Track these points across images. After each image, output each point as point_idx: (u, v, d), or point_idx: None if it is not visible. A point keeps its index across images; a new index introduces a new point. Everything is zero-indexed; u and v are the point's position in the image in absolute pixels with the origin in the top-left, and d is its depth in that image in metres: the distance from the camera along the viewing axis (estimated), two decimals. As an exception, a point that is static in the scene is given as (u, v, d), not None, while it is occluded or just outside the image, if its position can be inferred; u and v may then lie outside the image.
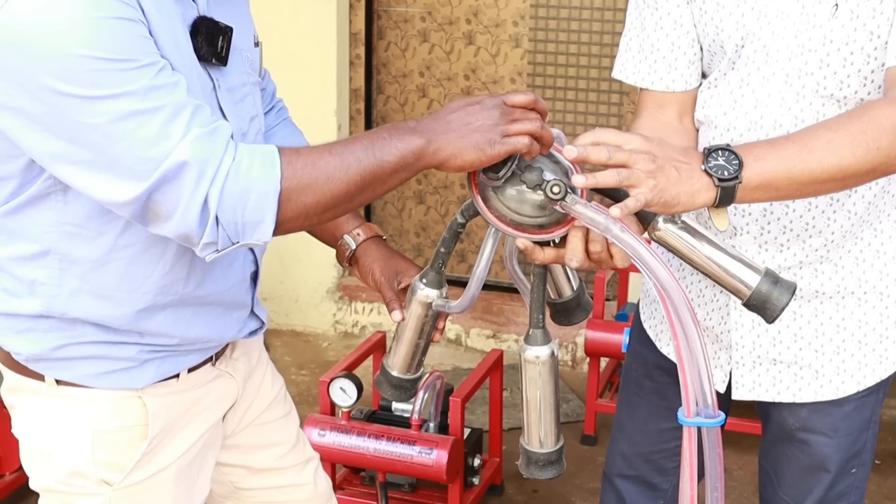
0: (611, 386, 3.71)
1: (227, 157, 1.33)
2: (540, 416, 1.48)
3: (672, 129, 1.76)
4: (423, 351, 1.56)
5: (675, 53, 1.75)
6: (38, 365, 1.53)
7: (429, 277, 1.51)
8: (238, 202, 1.33)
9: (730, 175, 1.39)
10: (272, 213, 1.35)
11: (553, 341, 1.46)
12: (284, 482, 1.85)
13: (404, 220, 4.66)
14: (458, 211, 1.46)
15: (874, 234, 1.73)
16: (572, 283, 1.58)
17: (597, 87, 4.28)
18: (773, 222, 1.71)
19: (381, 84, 4.53)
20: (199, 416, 1.65)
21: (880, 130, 1.45)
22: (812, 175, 1.43)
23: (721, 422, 1.37)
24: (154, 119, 1.30)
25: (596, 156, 1.35)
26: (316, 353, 4.31)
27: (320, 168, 1.36)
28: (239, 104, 1.57)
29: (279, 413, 1.84)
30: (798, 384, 1.78)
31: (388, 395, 1.58)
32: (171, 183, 1.31)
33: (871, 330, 1.75)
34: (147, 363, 1.55)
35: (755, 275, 1.40)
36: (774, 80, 1.65)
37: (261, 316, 1.72)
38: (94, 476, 1.56)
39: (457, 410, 2.81)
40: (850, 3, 1.57)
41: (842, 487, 1.85)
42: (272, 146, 1.38)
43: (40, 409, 1.57)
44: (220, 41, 1.49)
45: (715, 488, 1.43)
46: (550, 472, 1.51)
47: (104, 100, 1.28)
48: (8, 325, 1.52)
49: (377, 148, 1.37)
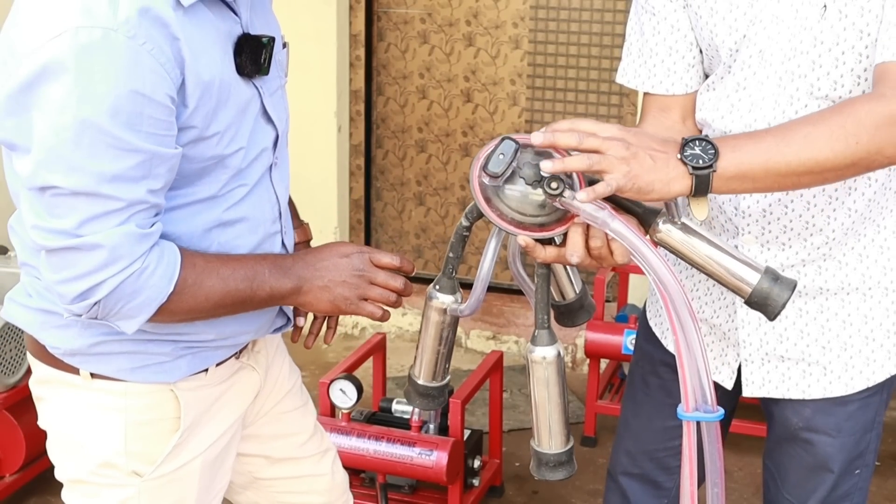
0: (611, 387, 3.70)
1: (139, 260, 1.40)
2: (548, 416, 1.48)
3: (675, 132, 1.76)
4: (446, 358, 1.56)
5: (673, 57, 1.76)
6: (74, 359, 1.56)
7: (442, 284, 1.51)
8: (125, 297, 1.41)
9: (704, 164, 1.39)
10: (147, 316, 1.44)
11: (559, 342, 1.46)
12: (303, 472, 1.88)
13: (404, 222, 4.66)
14: (463, 214, 1.47)
15: (877, 231, 1.73)
16: (575, 286, 1.59)
17: (596, 89, 4.28)
18: (773, 222, 1.71)
19: (381, 85, 4.54)
20: (225, 409, 1.68)
21: (860, 125, 1.45)
22: (789, 167, 1.44)
23: (720, 416, 1.38)
24: (105, 204, 1.36)
25: (565, 141, 1.36)
26: (316, 354, 4.31)
27: (204, 289, 1.47)
28: (277, 106, 1.61)
29: (296, 403, 1.87)
30: (807, 381, 1.78)
31: (416, 405, 1.59)
32: (79, 253, 1.38)
33: (878, 325, 1.76)
34: (180, 358, 1.58)
35: (755, 273, 1.42)
36: (769, 84, 1.66)
37: (287, 313, 1.75)
38: (125, 467, 1.58)
39: (457, 412, 2.81)
40: (837, 3, 1.58)
41: (846, 488, 1.85)
42: (177, 255, 1.45)
43: (73, 400, 1.59)
44: (262, 55, 1.53)
45: (715, 484, 1.43)
46: (561, 473, 1.51)
47: (84, 158, 1.33)
48: (48, 321, 1.55)
49: (256, 282, 1.51)
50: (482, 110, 4.44)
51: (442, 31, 4.40)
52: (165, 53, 1.36)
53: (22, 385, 2.93)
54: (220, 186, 1.52)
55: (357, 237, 4.63)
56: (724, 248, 1.43)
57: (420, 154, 4.57)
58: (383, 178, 4.64)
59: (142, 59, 1.33)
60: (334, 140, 4.41)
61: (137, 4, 1.33)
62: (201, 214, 1.52)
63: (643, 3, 1.77)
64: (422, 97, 4.49)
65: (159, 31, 1.35)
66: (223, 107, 1.47)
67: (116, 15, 1.32)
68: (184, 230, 1.50)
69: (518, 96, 4.38)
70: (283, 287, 1.54)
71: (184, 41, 1.38)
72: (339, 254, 1.59)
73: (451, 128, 4.49)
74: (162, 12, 1.36)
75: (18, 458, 3.00)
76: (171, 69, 1.36)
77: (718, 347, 1.85)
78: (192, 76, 1.40)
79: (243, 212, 1.57)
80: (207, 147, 1.47)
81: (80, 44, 1.30)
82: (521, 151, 1.38)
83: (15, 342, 2.93)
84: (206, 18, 1.44)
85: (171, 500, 1.63)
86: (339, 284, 1.57)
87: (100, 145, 1.33)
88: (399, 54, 4.48)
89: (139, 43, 1.33)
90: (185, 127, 1.42)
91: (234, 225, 1.56)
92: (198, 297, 1.47)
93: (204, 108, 1.43)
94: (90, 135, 1.32)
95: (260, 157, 1.58)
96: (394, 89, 4.52)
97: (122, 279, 1.39)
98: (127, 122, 1.33)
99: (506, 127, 4.42)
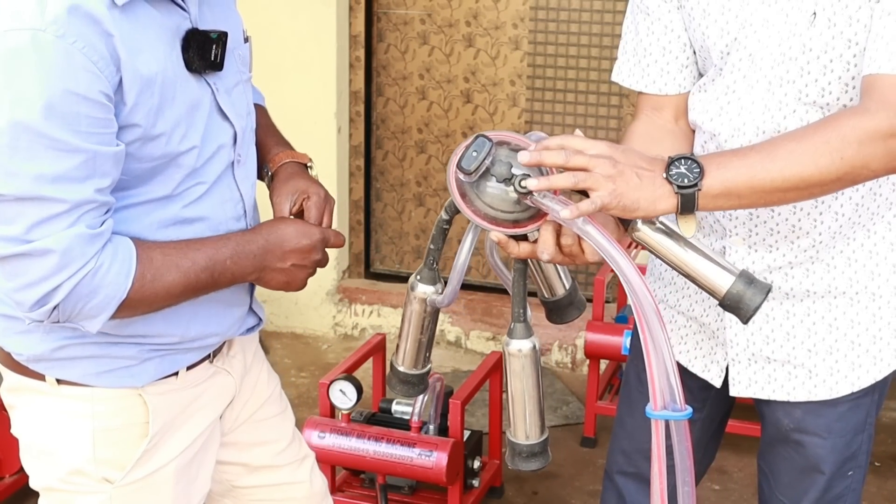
0: (610, 388, 3.70)
1: (92, 260, 1.38)
2: (524, 408, 1.52)
3: (667, 132, 1.78)
4: (427, 347, 1.62)
5: (666, 58, 1.77)
6: (39, 365, 1.54)
7: (423, 274, 1.56)
8: (83, 298, 1.39)
9: (689, 183, 1.41)
10: (109, 314, 1.42)
11: (534, 335, 1.50)
12: (281, 480, 1.86)
13: (404, 223, 4.66)
14: (443, 208, 1.51)
15: (867, 235, 1.73)
16: (564, 282, 1.62)
17: (596, 90, 4.29)
18: (759, 225, 1.72)
19: (381, 86, 4.54)
20: (198, 414, 1.66)
21: (844, 141, 1.45)
22: (774, 184, 1.45)
23: (688, 415, 1.41)
24: (50, 207, 1.34)
25: (551, 160, 1.38)
26: (315, 355, 4.31)
27: (164, 283, 1.45)
28: (236, 103, 1.58)
29: (275, 410, 1.85)
30: (792, 383, 1.79)
31: (398, 391, 1.64)
32: (30, 259, 1.36)
33: (864, 330, 1.76)
34: (147, 361, 1.56)
35: (730, 276, 1.44)
36: (758, 88, 1.66)
37: (258, 313, 1.74)
38: (95, 474, 1.57)
39: (456, 412, 2.81)
40: (827, 12, 1.58)
41: (838, 490, 1.85)
42: (132, 250, 1.43)
43: (41, 408, 1.57)
44: (212, 50, 1.50)
45: (686, 483, 1.46)
46: (535, 464, 1.55)
47: (22, 162, 1.31)
48: (9, 326, 1.53)
49: (217, 271, 1.50)
50: (482, 111, 4.44)
51: (442, 32, 4.40)
52: (98, 51, 1.33)
53: (22, 386, 2.93)
54: (174, 185, 1.50)
55: (357, 238, 4.63)
56: (701, 250, 1.46)
57: (420, 155, 4.57)
58: (383, 178, 4.64)
59: (73, 58, 1.31)
60: (334, 141, 4.41)
61: (66, 3, 1.31)
62: (155, 212, 1.50)
63: (638, 3, 1.78)
64: (422, 98, 4.49)
65: (91, 29, 1.33)
66: (169, 104, 1.44)
67: (44, 15, 1.30)
68: (137, 229, 1.48)
69: (518, 97, 4.38)
70: (244, 272, 1.55)
71: (118, 37, 1.35)
72: (304, 235, 1.59)
73: (450, 129, 4.49)
74: (93, 9, 1.33)
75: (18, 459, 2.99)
76: (105, 66, 1.34)
77: (708, 346, 1.86)
78: (129, 73, 1.37)
79: (202, 211, 1.54)
80: (156, 146, 1.45)
81: (8, 47, 1.29)
82: (496, 148, 1.40)
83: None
84: (146, 14, 1.42)
85: None
86: (299, 269, 1.60)
87: (37, 147, 1.31)
88: (399, 55, 4.48)
89: (69, 42, 1.31)
90: (126, 125, 1.40)
91: (192, 223, 1.54)
92: (157, 290, 1.45)
93: (145, 106, 1.41)
94: (26, 138, 1.30)
95: (217, 154, 1.55)
96: (394, 90, 4.52)
97: (77, 281, 1.37)
98: (63, 123, 1.31)
99: (505, 128, 4.42)
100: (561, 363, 4.23)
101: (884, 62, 1.51)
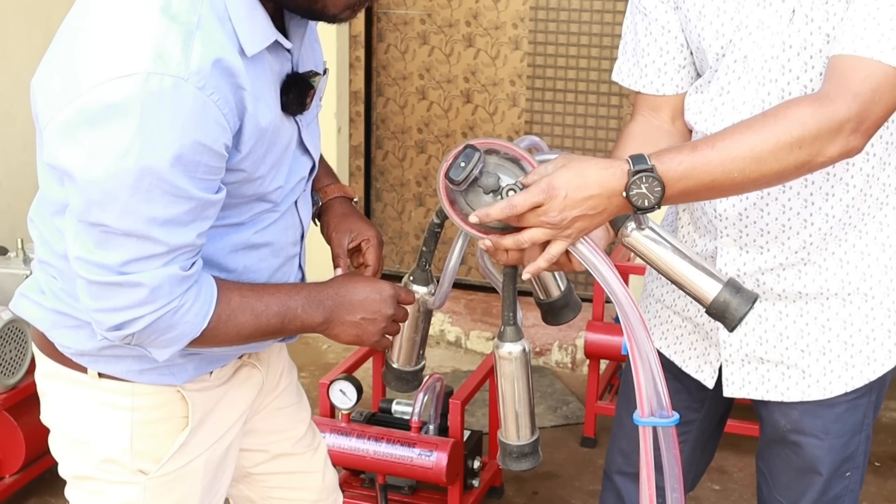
0: (610, 388, 3.70)
1: (177, 299, 1.40)
2: (514, 409, 1.55)
3: (664, 132, 1.78)
4: (420, 344, 1.67)
5: (664, 58, 1.77)
6: (83, 359, 1.56)
7: (416, 275, 1.60)
8: (160, 331, 1.42)
9: (650, 205, 1.42)
10: (179, 347, 1.46)
11: (524, 338, 1.54)
12: (296, 468, 1.89)
13: (404, 223, 4.66)
14: (434, 213, 1.54)
15: (859, 236, 1.73)
16: (559, 284, 1.64)
17: (596, 90, 4.29)
18: (749, 225, 1.73)
19: (381, 86, 4.54)
20: (229, 406, 1.69)
21: (804, 129, 1.46)
22: (733, 183, 1.47)
23: (675, 421, 1.43)
24: (152, 247, 1.36)
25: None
26: (315, 355, 4.31)
27: (236, 324, 1.48)
28: (313, 136, 1.61)
29: (293, 399, 1.89)
30: (786, 383, 1.79)
31: (393, 387, 1.69)
32: (120, 289, 1.38)
33: (857, 331, 1.76)
34: (189, 363, 1.59)
35: (717, 284, 1.46)
36: (749, 89, 1.67)
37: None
38: (130, 465, 1.59)
39: (456, 413, 2.81)
40: (804, 7, 1.58)
41: (836, 491, 1.85)
42: (213, 293, 1.45)
43: (79, 397, 1.59)
44: (308, 94, 1.52)
45: (674, 489, 1.47)
46: (526, 464, 1.58)
47: (139, 203, 1.32)
48: (60, 321, 1.55)
49: (287, 317, 1.52)
50: (482, 111, 4.44)
51: (442, 32, 4.40)
52: (229, 104, 1.34)
53: (22, 386, 2.93)
54: (252, 214, 1.53)
55: (357, 238, 4.63)
56: (690, 257, 1.48)
57: (420, 155, 4.57)
58: (383, 178, 4.65)
59: (208, 110, 1.31)
60: (334, 141, 4.42)
61: (212, 55, 1.31)
62: (229, 237, 1.52)
63: (636, 4, 1.79)
64: (421, 98, 4.49)
65: (227, 81, 1.34)
66: (271, 149, 1.47)
67: (189, 64, 1.29)
68: (210, 251, 1.50)
69: (518, 97, 4.38)
70: (313, 321, 1.55)
71: (248, 91, 1.37)
72: (374, 290, 1.59)
73: (450, 129, 4.49)
74: (232, 63, 1.34)
75: (18, 459, 3.00)
76: (232, 118, 1.35)
77: (701, 346, 1.87)
78: (250, 124, 1.39)
79: (269, 236, 1.57)
80: (252, 186, 1.47)
81: (148, 90, 1.27)
82: (485, 157, 1.42)
83: (16, 343, 2.93)
84: (266, 62, 1.43)
85: (176, 497, 1.64)
86: (370, 322, 1.59)
87: (156, 192, 1.31)
88: (399, 55, 4.48)
89: (207, 94, 1.31)
90: (233, 169, 1.42)
91: (259, 248, 1.56)
92: (229, 331, 1.48)
93: (256, 154, 1.43)
94: (148, 181, 1.30)
95: (295, 188, 1.59)
96: (393, 90, 4.52)
97: (159, 316, 1.40)
98: (185, 171, 1.32)
99: (506, 128, 4.42)
100: (561, 363, 4.23)
101: (847, 43, 1.51)
